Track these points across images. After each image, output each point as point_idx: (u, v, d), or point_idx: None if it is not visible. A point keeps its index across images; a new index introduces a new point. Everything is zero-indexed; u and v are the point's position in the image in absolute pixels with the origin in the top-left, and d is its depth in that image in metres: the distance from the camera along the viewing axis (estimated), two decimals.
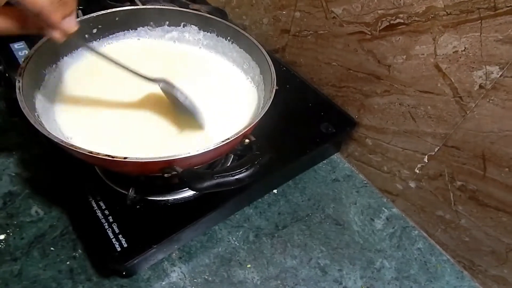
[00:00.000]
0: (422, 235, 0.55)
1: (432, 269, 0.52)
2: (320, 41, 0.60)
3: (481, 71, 0.41)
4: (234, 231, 0.51)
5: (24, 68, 0.37)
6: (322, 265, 0.50)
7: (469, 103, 0.43)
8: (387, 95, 0.53)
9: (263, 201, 0.55)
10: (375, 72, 0.53)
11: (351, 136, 0.62)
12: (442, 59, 0.44)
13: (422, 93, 0.48)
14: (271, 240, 0.51)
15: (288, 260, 0.50)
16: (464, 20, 0.40)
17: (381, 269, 0.50)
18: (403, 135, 0.53)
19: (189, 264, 0.47)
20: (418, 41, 0.46)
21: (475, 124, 0.44)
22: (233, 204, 0.48)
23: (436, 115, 0.47)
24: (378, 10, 0.49)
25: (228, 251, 0.49)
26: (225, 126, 0.44)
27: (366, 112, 0.57)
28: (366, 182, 0.61)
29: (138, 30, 0.51)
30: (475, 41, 0.40)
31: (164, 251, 0.45)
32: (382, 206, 0.58)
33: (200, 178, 0.30)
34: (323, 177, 0.61)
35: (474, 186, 0.47)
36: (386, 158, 0.57)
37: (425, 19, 0.44)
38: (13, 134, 0.57)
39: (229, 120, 0.46)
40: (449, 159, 0.48)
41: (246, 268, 0.48)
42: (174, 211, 0.44)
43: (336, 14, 0.55)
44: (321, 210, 0.56)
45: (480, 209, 0.47)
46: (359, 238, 0.53)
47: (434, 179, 0.51)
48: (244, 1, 0.74)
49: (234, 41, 0.50)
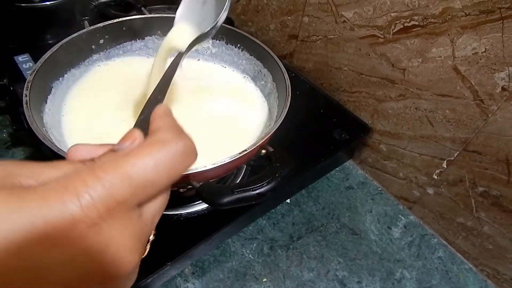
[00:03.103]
0: (442, 243, 0.53)
1: (454, 279, 0.50)
2: (330, 45, 0.59)
3: (504, 72, 0.39)
4: (247, 244, 0.50)
5: (31, 82, 0.35)
6: (340, 277, 0.48)
7: (491, 106, 0.42)
8: (402, 100, 0.51)
9: (276, 212, 0.54)
10: (388, 76, 0.52)
11: (365, 142, 0.60)
12: (461, 61, 0.43)
13: (439, 96, 0.46)
14: (286, 252, 0.49)
15: (305, 273, 0.48)
16: (484, 20, 0.39)
17: (401, 280, 0.49)
18: (420, 140, 0.51)
19: (203, 280, 0.45)
20: (434, 43, 0.44)
21: (497, 128, 0.42)
22: (247, 216, 0.47)
23: (455, 119, 0.46)
24: (391, 13, 0.48)
25: (242, 264, 0.48)
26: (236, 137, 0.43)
27: (380, 117, 0.56)
28: (381, 189, 0.59)
29: (146, 40, 0.50)
30: (496, 42, 0.39)
31: (178, 267, 0.44)
32: (398, 214, 0.56)
33: (220, 193, 0.28)
34: (336, 185, 0.59)
35: (497, 191, 0.45)
36: (402, 164, 0.55)
37: (442, 20, 0.43)
38: (19, 148, 0.56)
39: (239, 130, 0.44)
40: (470, 164, 0.46)
41: (262, 283, 0.46)
42: (187, 225, 0.43)
43: (346, 18, 0.54)
44: (336, 219, 0.54)
45: (504, 215, 0.45)
46: (377, 248, 0.51)
47: (454, 185, 0.49)
48: (250, 8, 0.73)
49: (244, 48, 0.49)
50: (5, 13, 0.62)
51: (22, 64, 0.57)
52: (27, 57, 0.57)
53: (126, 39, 0.49)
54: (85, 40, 0.45)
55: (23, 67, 0.56)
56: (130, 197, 0.14)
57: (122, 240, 0.14)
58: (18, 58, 0.57)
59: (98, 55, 0.47)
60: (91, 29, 0.45)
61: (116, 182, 0.14)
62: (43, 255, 0.12)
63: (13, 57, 0.57)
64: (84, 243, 0.13)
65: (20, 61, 0.57)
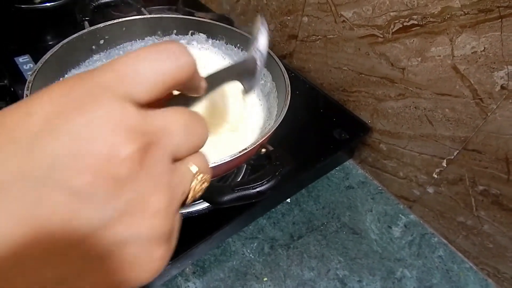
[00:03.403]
0: (442, 242, 0.53)
1: (455, 278, 0.50)
2: (329, 45, 0.59)
3: (503, 71, 0.39)
4: (248, 243, 0.50)
5: (31, 82, 0.36)
6: (341, 276, 0.48)
7: (490, 105, 0.42)
8: (401, 99, 0.51)
9: (276, 211, 0.54)
10: (388, 75, 0.52)
11: (364, 141, 0.60)
12: (460, 60, 0.43)
13: (439, 95, 0.47)
14: (286, 252, 0.50)
15: (306, 272, 0.48)
16: (483, 19, 0.39)
17: (402, 279, 0.49)
18: (420, 139, 0.51)
19: (204, 279, 0.45)
20: (434, 42, 0.45)
21: (497, 126, 0.42)
22: (247, 215, 0.47)
23: (455, 118, 0.46)
24: (390, 12, 0.48)
25: (243, 264, 0.48)
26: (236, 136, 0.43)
27: (379, 117, 0.56)
28: (381, 189, 0.59)
29: (146, 40, 0.50)
30: (495, 41, 0.39)
31: (178, 266, 0.44)
32: (399, 213, 0.56)
33: (220, 192, 0.29)
34: (336, 185, 0.59)
35: (497, 190, 0.45)
36: (401, 163, 0.55)
37: (441, 19, 0.43)
38: None
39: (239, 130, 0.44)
40: (469, 163, 0.47)
41: (263, 282, 0.46)
42: (188, 225, 0.42)
43: (345, 17, 0.54)
44: (336, 219, 0.54)
45: (504, 214, 0.45)
46: (378, 247, 0.51)
47: (454, 184, 0.50)
48: (250, 8, 0.73)
49: (243, 48, 0.49)
50: (6, 14, 0.62)
51: (22, 65, 0.57)
52: (28, 58, 0.57)
53: (126, 39, 0.49)
54: (86, 41, 0.45)
55: (24, 68, 0.56)
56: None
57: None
58: (19, 59, 0.57)
59: (99, 55, 0.47)
60: (91, 30, 0.45)
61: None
62: None
63: (13, 58, 0.57)
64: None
65: (21, 62, 0.57)
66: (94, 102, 0.12)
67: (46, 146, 0.12)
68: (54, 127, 0.12)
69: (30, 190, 0.11)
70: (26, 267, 0.11)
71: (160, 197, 0.14)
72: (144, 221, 0.13)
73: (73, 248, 0.12)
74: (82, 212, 0.12)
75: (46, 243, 0.11)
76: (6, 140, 0.12)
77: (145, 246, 0.14)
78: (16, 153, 0.12)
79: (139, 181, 0.13)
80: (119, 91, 0.13)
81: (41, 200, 0.11)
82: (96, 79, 0.13)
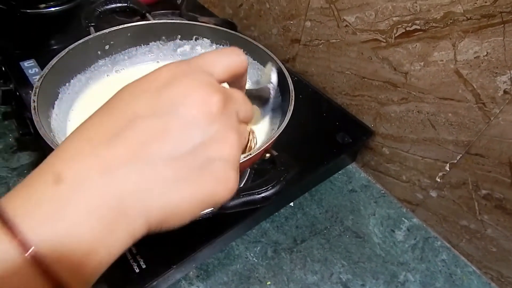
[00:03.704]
0: (446, 245, 0.53)
1: (458, 282, 0.50)
2: (332, 49, 0.60)
3: (505, 76, 0.40)
4: (251, 247, 0.50)
5: (38, 88, 0.36)
6: (344, 280, 0.48)
7: (493, 109, 0.42)
8: (404, 103, 0.52)
9: (279, 215, 0.54)
10: (391, 79, 0.52)
11: (367, 145, 0.60)
12: (462, 65, 0.43)
13: (442, 100, 0.47)
14: (290, 255, 0.50)
15: (309, 276, 0.48)
16: (486, 24, 0.39)
17: (405, 283, 0.49)
18: (423, 143, 0.51)
19: (207, 283, 0.46)
20: (436, 47, 0.45)
21: (500, 131, 0.42)
22: (251, 219, 0.47)
23: (458, 122, 0.46)
24: (393, 17, 0.48)
25: (246, 268, 0.48)
26: None
27: (382, 121, 0.56)
28: (384, 192, 0.59)
29: (150, 45, 0.51)
30: (497, 46, 0.39)
31: (182, 270, 0.44)
32: (402, 217, 0.56)
33: None
34: (339, 188, 0.59)
35: (500, 194, 0.45)
36: (404, 167, 0.56)
37: (444, 24, 0.43)
38: (25, 153, 0.56)
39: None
40: (472, 167, 0.47)
41: (266, 286, 0.46)
42: (192, 229, 0.43)
43: (348, 22, 0.55)
44: (339, 223, 0.54)
45: (507, 218, 0.45)
46: (381, 251, 0.52)
47: (457, 188, 0.50)
48: (252, 12, 0.73)
49: (247, 53, 0.50)
50: (11, 19, 0.63)
51: (27, 69, 0.57)
52: (33, 62, 0.58)
53: (131, 44, 0.50)
54: (91, 46, 0.45)
55: (29, 73, 0.57)
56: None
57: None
58: (24, 63, 0.58)
59: (104, 60, 0.48)
60: (97, 35, 0.45)
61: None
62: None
63: (18, 63, 0.57)
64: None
65: (26, 67, 0.58)
66: (194, 72, 0.20)
67: (168, 93, 0.19)
68: (173, 83, 0.19)
69: (158, 120, 0.18)
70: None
71: (234, 135, 0.20)
72: (225, 147, 0.19)
73: (192, 153, 0.18)
74: (190, 134, 0.18)
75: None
76: (141, 90, 0.19)
77: (225, 167, 0.19)
78: (148, 98, 0.19)
79: (223, 120, 0.19)
80: (207, 69, 0.21)
81: (168, 124, 0.18)
82: (193, 63, 0.21)
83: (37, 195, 0.16)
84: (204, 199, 0.19)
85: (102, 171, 0.17)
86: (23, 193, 0.17)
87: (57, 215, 0.16)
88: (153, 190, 0.17)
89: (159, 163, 0.17)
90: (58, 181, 0.16)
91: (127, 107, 0.18)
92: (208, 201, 0.19)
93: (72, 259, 0.16)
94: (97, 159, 0.17)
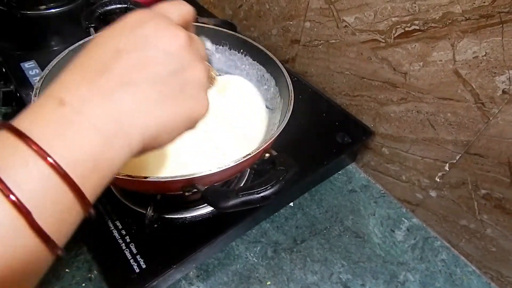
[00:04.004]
0: (445, 245, 0.53)
1: (458, 281, 0.50)
2: (331, 50, 0.60)
3: (504, 76, 0.40)
4: (251, 247, 0.50)
5: (39, 88, 0.36)
6: (344, 280, 0.48)
7: (492, 109, 0.42)
8: (404, 103, 0.52)
9: (279, 215, 0.54)
10: (390, 80, 0.52)
11: (367, 145, 0.60)
12: (461, 65, 0.43)
13: (441, 100, 0.47)
14: (290, 255, 0.50)
15: (309, 276, 0.48)
16: (484, 24, 0.39)
17: (405, 283, 0.49)
18: (422, 143, 0.52)
19: (207, 283, 0.46)
20: (435, 47, 0.45)
21: (499, 131, 0.42)
22: (251, 219, 0.47)
23: (457, 122, 0.46)
24: (392, 18, 0.48)
25: (246, 268, 0.48)
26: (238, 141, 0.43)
27: (382, 121, 0.56)
28: (383, 192, 0.59)
29: None
30: (496, 46, 0.39)
31: (182, 270, 0.44)
32: (402, 217, 0.56)
33: (225, 196, 0.29)
34: (339, 188, 0.59)
35: (500, 194, 0.45)
36: (404, 167, 0.56)
37: (442, 25, 0.43)
38: None
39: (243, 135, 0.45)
40: (472, 167, 0.47)
41: (266, 286, 0.47)
42: (192, 229, 0.43)
43: (348, 23, 0.55)
44: (339, 223, 0.54)
45: (507, 218, 0.45)
46: (381, 251, 0.52)
47: (456, 188, 0.50)
48: (252, 13, 0.73)
49: (247, 53, 0.50)
50: (12, 20, 0.63)
51: (28, 70, 0.57)
52: (33, 63, 0.58)
53: None
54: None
55: (30, 74, 0.57)
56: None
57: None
58: (25, 64, 0.58)
59: None
60: None
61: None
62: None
63: (19, 64, 0.58)
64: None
65: (27, 68, 0.58)
66: (158, 16, 0.23)
67: (142, 31, 0.21)
68: (144, 24, 0.22)
69: (139, 52, 0.21)
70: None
71: (201, 63, 0.24)
72: (196, 73, 0.23)
73: (171, 78, 0.22)
74: (167, 62, 0.22)
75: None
76: (118, 32, 0.22)
77: (198, 88, 0.24)
78: (126, 36, 0.21)
79: (191, 52, 0.23)
80: (166, 14, 0.24)
81: (147, 55, 0.21)
82: (154, 10, 0.24)
83: (44, 116, 0.19)
84: (186, 115, 0.23)
85: (99, 95, 0.20)
86: (31, 116, 0.19)
87: (65, 133, 0.18)
88: (145, 109, 0.21)
89: (146, 87, 0.21)
90: (62, 104, 0.19)
91: (110, 45, 0.21)
92: (189, 118, 0.23)
93: (83, 170, 0.18)
94: (93, 86, 0.20)
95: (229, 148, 0.43)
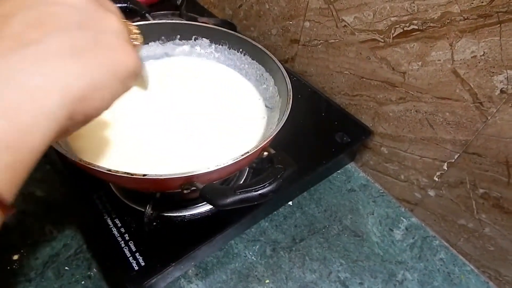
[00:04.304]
0: (444, 245, 0.54)
1: (456, 280, 0.50)
2: (331, 50, 0.60)
3: (502, 75, 0.40)
4: (250, 246, 0.50)
5: None
6: (343, 278, 0.48)
7: (490, 109, 0.42)
8: (402, 103, 0.52)
9: (278, 214, 0.54)
10: (389, 79, 0.53)
11: (366, 144, 0.61)
12: (460, 64, 0.43)
13: (439, 99, 0.47)
14: (288, 254, 0.50)
15: (308, 275, 0.48)
16: (482, 24, 0.40)
17: (403, 282, 0.49)
18: (421, 143, 0.52)
19: (206, 281, 0.46)
20: (434, 47, 0.45)
21: (497, 130, 0.43)
22: (250, 218, 0.47)
23: (455, 122, 0.46)
24: (391, 17, 0.49)
25: (245, 266, 0.48)
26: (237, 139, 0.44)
27: (380, 120, 0.56)
28: (382, 192, 0.60)
29: (150, 45, 0.51)
30: (494, 45, 0.40)
31: (181, 268, 0.44)
32: (400, 216, 0.56)
33: (223, 194, 0.29)
34: (338, 187, 0.59)
35: (498, 193, 0.45)
36: (403, 167, 0.56)
37: (441, 24, 0.43)
38: None
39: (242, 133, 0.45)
40: (470, 166, 0.47)
41: (265, 284, 0.47)
42: (191, 227, 0.43)
43: (347, 22, 0.55)
44: (338, 222, 0.55)
45: (505, 217, 0.46)
46: (379, 250, 0.52)
47: (454, 187, 0.50)
48: (252, 13, 0.74)
49: (246, 52, 0.50)
50: None
51: None
52: None
53: None
54: None
55: None
56: None
57: None
58: None
59: None
60: None
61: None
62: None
63: None
64: None
65: None
66: None
67: None
68: None
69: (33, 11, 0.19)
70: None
71: (113, 14, 0.22)
72: (110, 21, 0.22)
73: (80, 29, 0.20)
74: (66, 13, 0.20)
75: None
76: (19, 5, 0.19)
77: (117, 37, 0.22)
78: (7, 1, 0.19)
79: (99, 2, 0.22)
80: None
81: (42, 11, 0.19)
82: None
83: None
84: (110, 68, 0.21)
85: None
86: None
87: None
88: (56, 67, 0.18)
89: (51, 42, 0.19)
90: None
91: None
92: (115, 71, 0.21)
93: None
94: None
95: (227, 146, 0.43)
